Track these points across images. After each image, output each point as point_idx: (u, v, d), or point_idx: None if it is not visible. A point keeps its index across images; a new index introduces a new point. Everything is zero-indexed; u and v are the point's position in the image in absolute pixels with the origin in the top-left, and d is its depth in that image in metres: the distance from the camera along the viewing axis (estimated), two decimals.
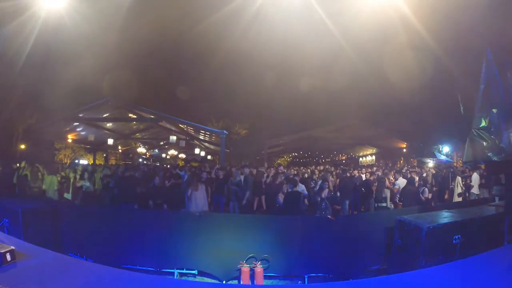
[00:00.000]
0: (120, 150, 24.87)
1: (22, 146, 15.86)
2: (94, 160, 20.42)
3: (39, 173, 9.00)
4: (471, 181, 8.86)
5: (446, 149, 17.58)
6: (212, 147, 22.54)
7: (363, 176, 10.07)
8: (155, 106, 17.13)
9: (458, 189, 8.96)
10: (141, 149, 24.97)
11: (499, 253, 2.06)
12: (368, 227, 5.92)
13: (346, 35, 7.91)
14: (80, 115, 15.98)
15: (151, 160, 26.39)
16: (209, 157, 25.64)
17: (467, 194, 8.96)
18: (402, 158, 22.11)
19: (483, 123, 4.75)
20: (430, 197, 8.48)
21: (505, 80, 4.36)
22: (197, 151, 23.39)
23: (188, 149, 24.05)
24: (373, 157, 25.72)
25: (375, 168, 13.23)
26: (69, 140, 17.94)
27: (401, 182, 8.25)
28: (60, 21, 6.92)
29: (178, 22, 10.53)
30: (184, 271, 5.45)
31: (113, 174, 9.15)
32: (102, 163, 19.78)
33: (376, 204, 8.43)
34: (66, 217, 6.13)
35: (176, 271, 5.40)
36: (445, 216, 5.91)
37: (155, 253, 5.70)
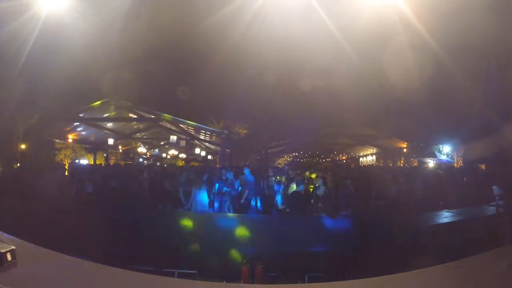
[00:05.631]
0: (120, 150, 24.90)
1: (23, 146, 15.87)
2: (94, 160, 20.44)
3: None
4: (470, 181, 8.86)
5: (446, 149, 17.58)
6: (212, 147, 22.55)
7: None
8: (155, 106, 17.12)
9: (458, 189, 8.95)
10: (142, 149, 25.00)
11: (499, 253, 2.06)
12: (368, 226, 5.93)
13: (346, 35, 7.89)
14: (81, 115, 16.00)
15: (151, 160, 26.41)
16: (209, 157, 25.66)
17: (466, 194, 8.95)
18: (402, 158, 22.11)
19: (484, 123, 4.76)
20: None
21: (505, 80, 4.37)
22: (197, 151, 23.41)
23: (188, 149, 24.07)
24: (373, 157, 25.70)
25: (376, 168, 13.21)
26: (70, 140, 17.96)
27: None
28: (60, 22, 6.92)
29: (178, 22, 10.51)
30: (184, 271, 5.46)
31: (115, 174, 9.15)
32: (103, 163, 19.79)
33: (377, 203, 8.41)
34: (67, 217, 6.15)
35: (176, 271, 5.41)
36: (445, 216, 5.93)
37: (155, 253, 5.70)
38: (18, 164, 12.46)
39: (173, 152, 25.17)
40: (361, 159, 27.55)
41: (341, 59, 10.12)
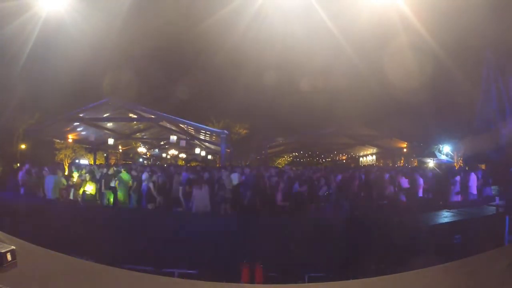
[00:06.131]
0: (120, 150, 24.90)
1: (23, 146, 15.88)
2: (94, 160, 20.44)
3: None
4: (470, 181, 8.86)
5: (446, 149, 17.57)
6: (212, 147, 22.56)
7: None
8: (155, 106, 17.13)
9: (458, 189, 8.96)
10: (142, 149, 25.01)
11: (499, 253, 2.06)
12: (369, 226, 5.93)
13: (346, 35, 7.90)
14: (81, 115, 16.00)
15: (151, 160, 26.43)
16: (209, 157, 25.68)
17: (467, 194, 8.96)
18: (402, 158, 22.12)
19: (484, 123, 4.76)
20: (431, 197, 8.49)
21: (505, 80, 4.37)
22: (197, 151, 23.42)
23: (188, 149, 24.08)
24: (373, 157, 25.71)
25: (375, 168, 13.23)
26: (70, 140, 17.97)
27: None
28: (60, 22, 6.92)
29: (178, 22, 10.53)
30: (184, 271, 5.45)
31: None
32: (103, 163, 19.82)
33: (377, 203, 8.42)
34: (67, 217, 6.15)
35: (176, 271, 5.41)
36: (445, 216, 5.93)
37: (155, 253, 5.70)
38: (18, 164, 12.47)
39: (173, 152, 25.18)
40: (361, 159, 27.57)
41: (341, 59, 10.13)
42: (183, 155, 26.75)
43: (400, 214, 6.20)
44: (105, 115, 17.24)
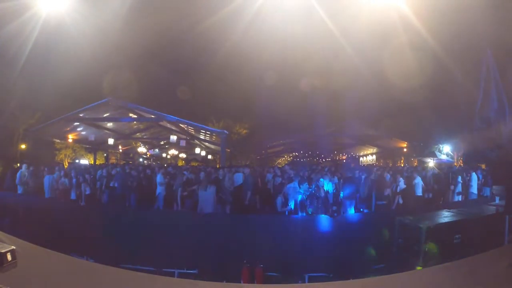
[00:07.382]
0: (120, 150, 24.91)
1: (23, 146, 15.87)
2: (94, 160, 20.45)
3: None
4: (471, 181, 8.86)
5: (446, 148, 17.56)
6: (212, 146, 22.56)
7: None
8: (155, 106, 17.13)
9: (458, 189, 8.95)
10: (142, 149, 25.02)
11: (499, 253, 2.06)
12: (369, 226, 5.94)
13: (346, 35, 7.90)
14: (81, 115, 16.01)
15: (151, 160, 26.44)
16: (209, 156, 25.69)
17: (467, 194, 8.96)
18: (403, 158, 22.11)
19: (484, 123, 4.76)
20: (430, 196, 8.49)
21: (504, 79, 4.37)
22: (197, 150, 23.42)
23: (188, 148, 24.10)
24: (373, 157, 25.71)
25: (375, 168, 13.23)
26: (70, 140, 17.98)
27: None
28: (60, 22, 6.92)
29: (178, 22, 10.53)
30: (184, 271, 5.46)
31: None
32: (103, 163, 19.82)
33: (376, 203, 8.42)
34: (67, 216, 6.16)
35: (176, 271, 5.41)
36: (445, 216, 5.92)
37: (155, 253, 5.70)
38: (18, 164, 12.47)
39: (173, 152, 25.21)
40: (361, 159, 27.56)
41: (341, 59, 10.12)
42: (183, 155, 26.78)
43: (400, 214, 6.20)
44: (105, 115, 17.24)
